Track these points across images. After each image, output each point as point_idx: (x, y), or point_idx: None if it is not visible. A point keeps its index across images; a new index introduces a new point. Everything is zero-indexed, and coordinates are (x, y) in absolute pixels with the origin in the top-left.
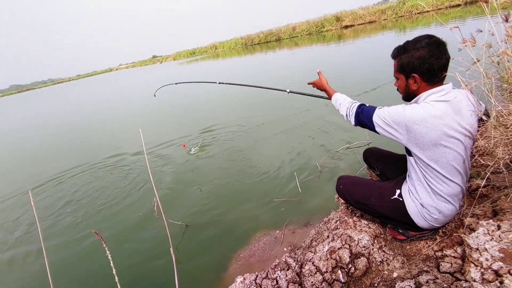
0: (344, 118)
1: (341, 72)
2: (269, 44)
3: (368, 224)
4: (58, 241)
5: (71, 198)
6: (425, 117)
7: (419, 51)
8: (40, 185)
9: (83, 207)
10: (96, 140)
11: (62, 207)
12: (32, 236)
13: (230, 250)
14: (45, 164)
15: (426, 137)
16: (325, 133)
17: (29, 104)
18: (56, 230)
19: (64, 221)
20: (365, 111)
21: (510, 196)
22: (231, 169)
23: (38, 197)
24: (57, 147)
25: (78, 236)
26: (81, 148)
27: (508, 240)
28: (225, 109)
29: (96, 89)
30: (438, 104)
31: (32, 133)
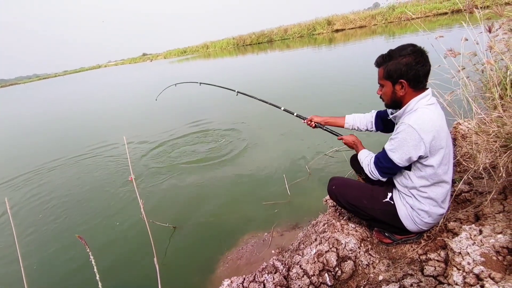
0: (370, 176)
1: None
2: (261, 45)
3: (355, 227)
4: (39, 245)
5: (53, 200)
6: (431, 121)
7: (406, 58)
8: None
9: (66, 208)
10: (76, 137)
11: (41, 208)
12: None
13: (218, 252)
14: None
15: (438, 140)
16: (314, 135)
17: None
18: (39, 234)
19: (47, 225)
20: (381, 158)
21: (490, 202)
22: (220, 172)
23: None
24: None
25: (62, 241)
26: (62, 143)
27: (489, 244)
28: (213, 111)
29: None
30: (431, 107)
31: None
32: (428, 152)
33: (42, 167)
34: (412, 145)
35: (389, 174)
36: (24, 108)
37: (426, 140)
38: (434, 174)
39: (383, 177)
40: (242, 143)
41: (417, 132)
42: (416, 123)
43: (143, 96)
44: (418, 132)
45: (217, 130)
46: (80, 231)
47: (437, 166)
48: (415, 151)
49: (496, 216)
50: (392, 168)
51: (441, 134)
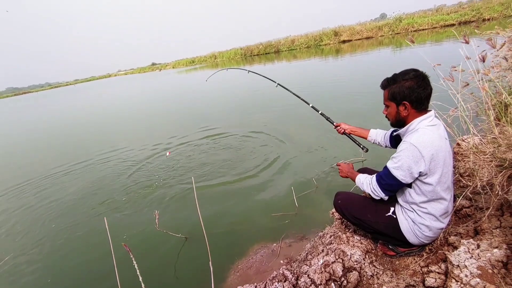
0: (373, 196)
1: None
2: (268, 56)
3: (360, 239)
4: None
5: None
6: (432, 141)
7: (408, 81)
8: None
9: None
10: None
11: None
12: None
13: (229, 261)
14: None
15: (437, 159)
16: (320, 148)
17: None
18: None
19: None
20: (383, 175)
21: (488, 217)
22: (229, 183)
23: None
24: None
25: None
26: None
27: (486, 258)
28: (224, 119)
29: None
30: (432, 128)
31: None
32: (427, 169)
33: (71, 168)
34: (414, 161)
35: (391, 192)
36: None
37: (426, 157)
38: (432, 192)
39: (386, 194)
40: (253, 155)
41: (418, 149)
42: (417, 141)
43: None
44: (419, 149)
45: (228, 139)
46: (88, 241)
47: (436, 184)
48: (416, 167)
49: (493, 232)
50: (394, 185)
51: (440, 154)
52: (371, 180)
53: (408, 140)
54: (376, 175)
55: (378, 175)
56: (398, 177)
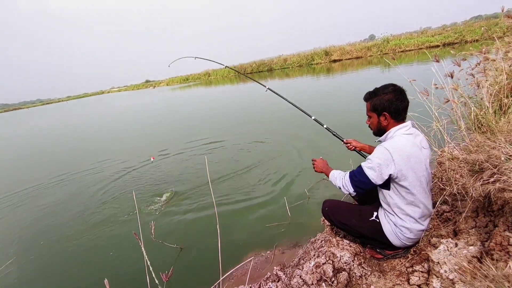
0: (342, 190)
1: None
2: (261, 74)
3: (349, 243)
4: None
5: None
6: (403, 147)
7: (388, 95)
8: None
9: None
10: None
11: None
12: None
13: (223, 269)
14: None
15: (408, 164)
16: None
17: None
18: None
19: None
20: (356, 173)
21: (464, 219)
22: (223, 194)
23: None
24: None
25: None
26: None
27: (462, 255)
28: (209, 131)
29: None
30: (407, 136)
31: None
32: (398, 173)
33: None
34: (384, 163)
35: (360, 189)
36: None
37: (396, 161)
38: (409, 194)
39: (355, 190)
40: (242, 166)
41: (390, 153)
42: (390, 146)
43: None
44: (391, 153)
45: (219, 151)
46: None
47: (411, 188)
48: (387, 170)
49: (469, 231)
50: (365, 183)
51: (411, 160)
52: (344, 176)
53: (383, 145)
54: (350, 172)
55: (351, 172)
56: (369, 176)
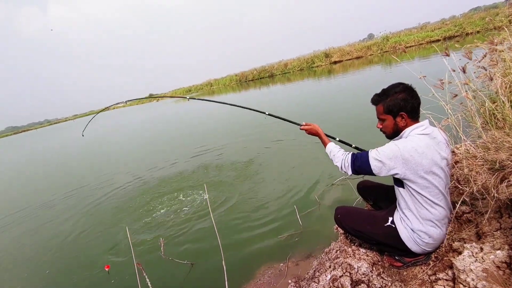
0: (339, 169)
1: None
2: (263, 80)
3: (366, 252)
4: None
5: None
6: (416, 148)
7: (401, 94)
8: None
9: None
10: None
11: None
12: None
13: (237, 285)
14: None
15: (420, 166)
16: (320, 164)
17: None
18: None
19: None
20: (360, 158)
21: (488, 220)
22: (231, 207)
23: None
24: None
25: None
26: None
27: (490, 260)
28: (214, 144)
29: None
30: (422, 137)
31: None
32: (406, 175)
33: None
34: (392, 162)
35: (358, 173)
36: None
37: (406, 162)
38: (424, 197)
39: (352, 173)
40: (252, 176)
41: (400, 151)
42: (401, 145)
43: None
44: (401, 152)
45: (224, 163)
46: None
47: (425, 190)
48: (393, 168)
49: (494, 234)
50: (366, 171)
51: (423, 161)
52: (346, 157)
53: (394, 142)
54: (353, 154)
55: (354, 156)
56: (373, 166)
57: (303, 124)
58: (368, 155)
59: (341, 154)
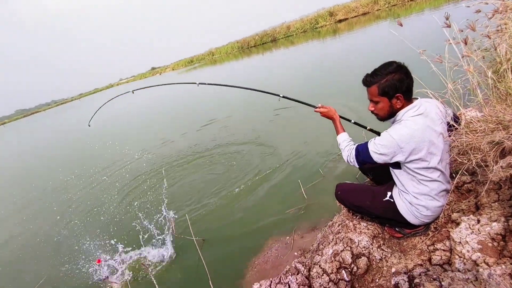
0: (346, 162)
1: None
2: (265, 46)
3: (367, 225)
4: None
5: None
6: (411, 133)
7: (396, 74)
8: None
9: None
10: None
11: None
12: None
13: (246, 259)
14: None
15: (417, 150)
16: (323, 136)
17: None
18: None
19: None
20: (361, 152)
21: (486, 192)
22: (238, 183)
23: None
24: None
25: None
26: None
27: (486, 232)
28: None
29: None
30: (416, 119)
31: None
32: (407, 159)
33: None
34: (391, 153)
35: (365, 164)
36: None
37: (404, 150)
38: (423, 175)
39: (360, 166)
40: (256, 153)
41: (396, 142)
42: (396, 134)
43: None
44: (397, 142)
45: (221, 146)
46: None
47: (424, 169)
48: (393, 157)
49: (492, 205)
50: (370, 162)
51: (421, 144)
52: (351, 152)
53: (389, 132)
54: (356, 149)
55: (357, 151)
56: (374, 158)
57: (319, 106)
58: (368, 149)
59: (347, 149)
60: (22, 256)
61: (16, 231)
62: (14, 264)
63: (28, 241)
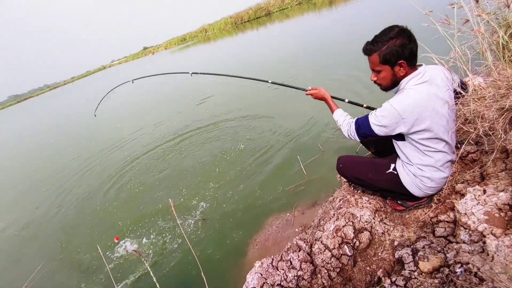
0: (347, 138)
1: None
2: (260, 20)
3: (369, 200)
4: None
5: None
6: (414, 103)
7: (397, 39)
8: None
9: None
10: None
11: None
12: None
13: (247, 236)
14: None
15: (420, 120)
16: (321, 110)
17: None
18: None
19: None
20: (362, 125)
21: (493, 161)
22: (236, 162)
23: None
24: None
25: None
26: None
27: (492, 203)
28: (213, 102)
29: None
30: (420, 87)
31: None
32: (410, 130)
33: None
34: (393, 124)
35: (366, 138)
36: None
37: (406, 120)
38: (427, 146)
39: (361, 139)
40: (254, 131)
41: (399, 113)
42: (398, 104)
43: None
44: (400, 113)
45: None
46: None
47: (428, 139)
48: (397, 129)
49: (499, 175)
50: (370, 135)
51: (424, 114)
52: (350, 126)
53: (390, 102)
54: (355, 122)
55: (357, 124)
56: (376, 131)
57: (309, 88)
58: (369, 121)
59: (346, 123)
60: (23, 239)
61: (18, 215)
62: (13, 248)
63: (30, 221)
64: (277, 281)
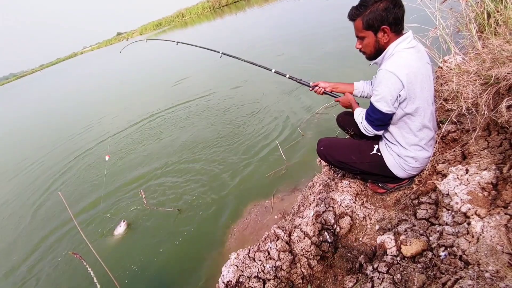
0: (366, 134)
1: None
2: (238, 4)
3: (349, 183)
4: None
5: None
6: (407, 64)
7: (382, 3)
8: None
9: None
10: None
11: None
12: None
13: (224, 226)
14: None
15: (416, 84)
16: (302, 95)
17: None
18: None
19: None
20: (370, 112)
21: (475, 139)
22: (215, 148)
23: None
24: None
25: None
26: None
27: (475, 182)
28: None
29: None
30: (410, 50)
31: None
32: (406, 94)
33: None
34: (393, 88)
35: (382, 126)
36: None
37: (404, 81)
38: (415, 121)
39: (378, 130)
40: (229, 115)
41: (394, 74)
42: (392, 66)
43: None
44: (396, 74)
45: (192, 110)
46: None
47: (418, 112)
48: (396, 92)
49: (481, 153)
50: (382, 119)
51: (418, 77)
52: (362, 118)
53: (383, 68)
54: (365, 113)
55: (367, 114)
56: (382, 109)
57: (311, 84)
58: (371, 102)
59: (359, 118)
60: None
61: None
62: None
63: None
64: (254, 273)
